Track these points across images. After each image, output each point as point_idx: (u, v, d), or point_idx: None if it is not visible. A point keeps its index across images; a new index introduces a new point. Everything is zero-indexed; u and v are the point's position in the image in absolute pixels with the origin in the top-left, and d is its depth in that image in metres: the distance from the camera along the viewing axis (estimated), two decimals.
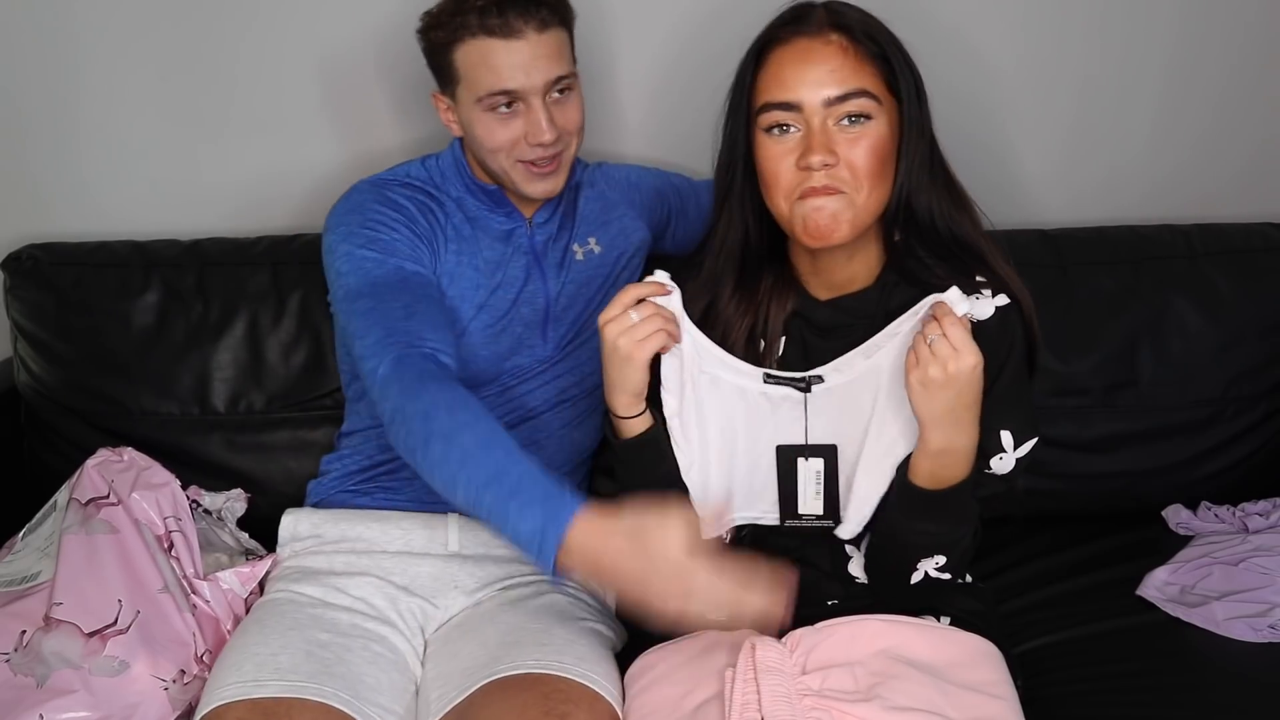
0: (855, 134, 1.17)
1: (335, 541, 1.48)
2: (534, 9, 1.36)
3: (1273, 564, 1.48)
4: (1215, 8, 1.79)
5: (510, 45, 1.36)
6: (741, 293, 1.29)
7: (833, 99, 1.16)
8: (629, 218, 1.59)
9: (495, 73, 1.37)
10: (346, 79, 1.79)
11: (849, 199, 1.18)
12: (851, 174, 1.18)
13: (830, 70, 1.16)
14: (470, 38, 1.37)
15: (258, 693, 1.23)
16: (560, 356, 1.52)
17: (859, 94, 1.16)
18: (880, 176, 1.19)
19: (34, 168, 1.84)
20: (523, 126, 1.40)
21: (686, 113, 1.81)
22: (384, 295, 1.37)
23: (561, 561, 1.13)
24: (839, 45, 1.17)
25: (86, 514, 1.42)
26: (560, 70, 1.40)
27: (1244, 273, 1.71)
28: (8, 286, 1.73)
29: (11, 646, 1.31)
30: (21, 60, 1.78)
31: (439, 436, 1.21)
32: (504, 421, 1.49)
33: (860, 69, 1.17)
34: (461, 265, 1.46)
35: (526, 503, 1.16)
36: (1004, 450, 1.23)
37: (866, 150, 1.17)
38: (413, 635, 1.40)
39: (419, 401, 1.25)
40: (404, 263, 1.40)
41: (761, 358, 1.29)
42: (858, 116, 1.17)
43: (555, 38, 1.39)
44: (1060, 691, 1.38)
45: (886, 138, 1.18)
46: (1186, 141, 1.87)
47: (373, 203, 1.45)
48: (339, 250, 1.42)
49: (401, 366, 1.29)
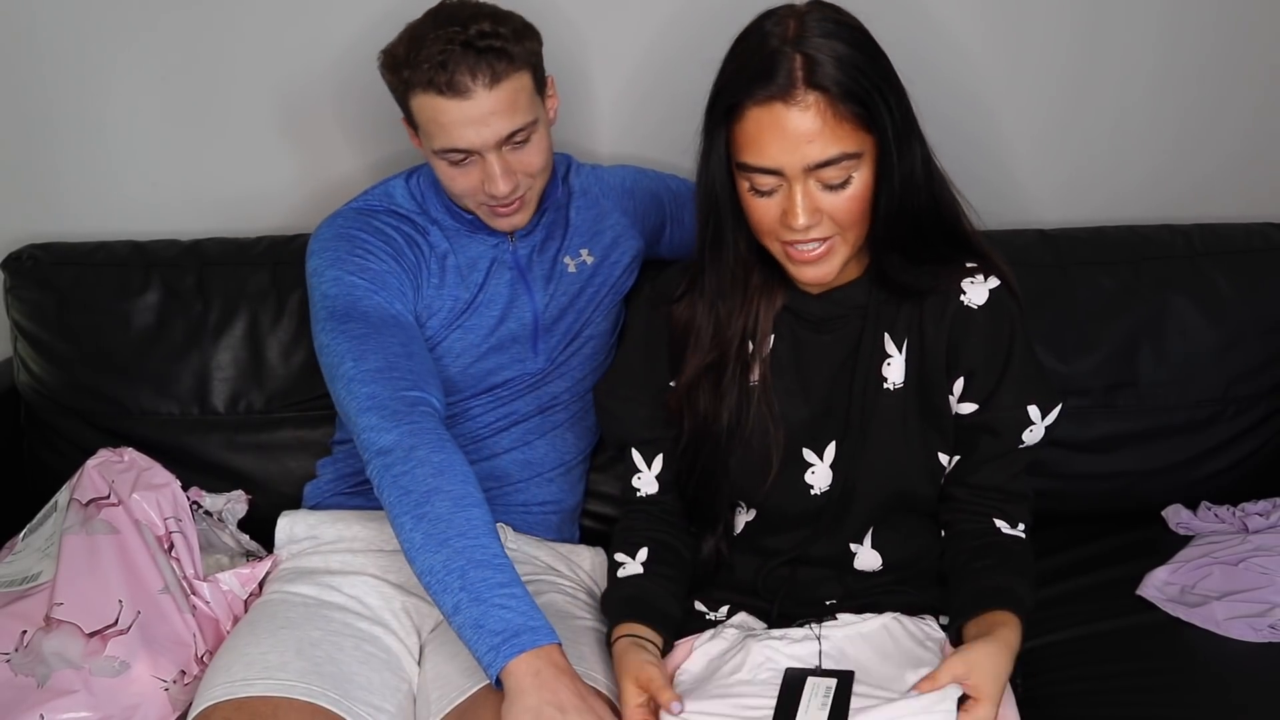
0: (844, 194, 1.16)
1: (332, 542, 1.48)
2: (484, 64, 1.29)
3: (1273, 564, 1.48)
4: (1214, 6, 1.79)
5: (459, 104, 1.30)
6: (732, 296, 1.28)
7: (812, 166, 1.14)
8: (622, 226, 1.58)
9: (445, 131, 1.33)
10: (348, 79, 1.79)
11: (834, 243, 1.20)
12: (836, 223, 1.18)
13: (809, 141, 1.13)
14: (421, 91, 1.32)
15: (245, 692, 1.22)
16: (551, 367, 1.52)
17: (840, 159, 1.14)
18: (865, 215, 1.19)
19: (34, 168, 1.84)
20: (479, 175, 1.37)
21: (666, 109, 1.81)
22: (378, 326, 1.36)
23: (509, 668, 1.13)
24: (816, 109, 1.12)
25: (87, 514, 1.42)
26: (515, 124, 1.33)
27: (1244, 273, 1.71)
28: (8, 286, 1.73)
29: (12, 646, 1.32)
30: (21, 61, 1.78)
31: (446, 497, 1.21)
32: (494, 427, 1.51)
33: (839, 130, 1.13)
34: (443, 294, 1.46)
35: (516, 599, 1.17)
36: (1033, 423, 1.27)
37: (848, 203, 1.17)
38: (407, 635, 1.39)
39: (433, 453, 1.24)
40: (394, 301, 1.39)
41: (751, 358, 1.29)
42: (838, 180, 1.15)
43: (509, 89, 1.32)
44: (1060, 691, 1.38)
45: (870, 182, 1.18)
46: (1186, 141, 1.86)
47: (360, 231, 1.43)
48: (326, 274, 1.40)
49: (411, 408, 1.28)
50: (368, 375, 1.31)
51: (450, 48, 1.30)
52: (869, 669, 1.21)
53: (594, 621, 1.43)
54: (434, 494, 1.21)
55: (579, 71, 1.76)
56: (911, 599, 1.33)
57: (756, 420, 1.30)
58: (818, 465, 1.30)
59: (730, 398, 1.29)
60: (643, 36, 1.78)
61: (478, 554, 1.19)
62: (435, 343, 1.46)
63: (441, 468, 1.23)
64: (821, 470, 1.30)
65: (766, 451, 1.29)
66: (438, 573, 1.18)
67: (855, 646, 1.25)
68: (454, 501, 1.21)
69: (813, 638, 1.23)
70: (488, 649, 1.15)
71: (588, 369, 1.56)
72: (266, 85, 1.80)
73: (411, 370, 1.32)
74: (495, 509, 1.51)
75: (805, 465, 1.31)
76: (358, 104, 1.80)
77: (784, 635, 1.26)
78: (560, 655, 1.16)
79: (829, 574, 1.34)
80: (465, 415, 1.50)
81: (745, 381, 1.30)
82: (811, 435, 1.31)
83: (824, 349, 1.30)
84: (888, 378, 1.28)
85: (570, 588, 1.49)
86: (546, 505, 1.56)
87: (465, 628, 1.16)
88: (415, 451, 1.24)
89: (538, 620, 1.17)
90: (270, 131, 1.82)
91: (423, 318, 1.45)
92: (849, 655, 1.24)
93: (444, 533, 1.19)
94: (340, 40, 1.77)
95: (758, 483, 1.31)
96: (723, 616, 1.36)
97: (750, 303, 1.29)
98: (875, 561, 1.33)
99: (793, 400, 1.30)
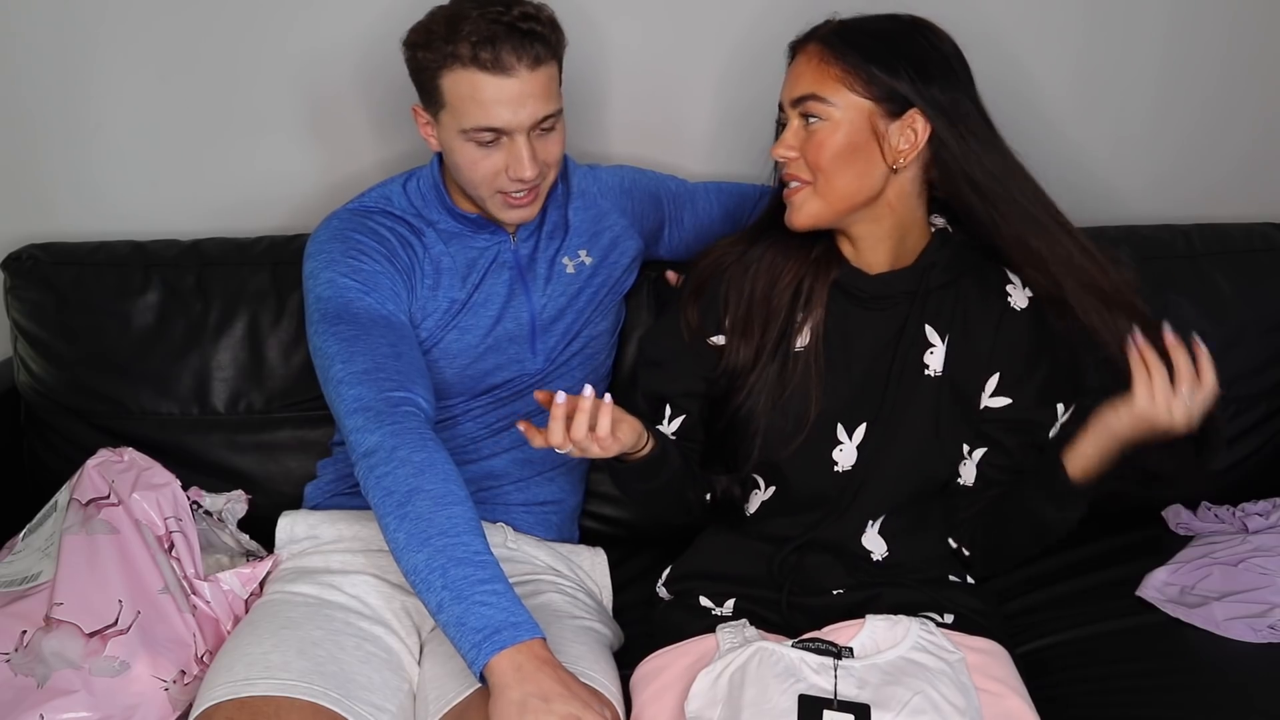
0: (811, 131, 1.27)
1: (332, 541, 1.48)
2: (528, 45, 1.32)
3: (1272, 564, 1.48)
4: (1213, 6, 1.79)
5: (501, 82, 1.32)
6: (791, 259, 1.35)
7: (794, 99, 1.28)
8: (620, 227, 1.58)
9: (483, 108, 1.34)
10: (349, 78, 1.79)
11: (811, 190, 1.29)
12: (812, 166, 1.27)
13: (799, 75, 1.28)
14: (460, 68, 1.33)
15: (247, 692, 1.23)
16: (551, 368, 1.52)
17: (809, 98, 1.26)
18: (840, 168, 1.26)
19: (34, 168, 1.84)
20: (504, 159, 1.37)
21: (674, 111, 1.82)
22: (368, 328, 1.36)
23: (491, 664, 1.14)
24: (811, 55, 1.27)
25: (87, 514, 1.42)
26: (549, 108, 1.36)
27: (1244, 273, 1.71)
28: (8, 286, 1.73)
29: (12, 646, 1.32)
30: (21, 61, 1.78)
31: (427, 496, 1.22)
32: (494, 427, 1.51)
33: (822, 71, 1.26)
34: (437, 295, 1.46)
35: (498, 595, 1.17)
36: (1057, 419, 1.37)
37: (817, 146, 1.27)
38: (408, 635, 1.40)
39: (415, 453, 1.25)
40: (385, 302, 1.40)
41: (800, 325, 1.34)
42: (810, 116, 1.27)
43: (546, 74, 1.35)
44: (1060, 692, 1.38)
45: (845, 133, 1.25)
46: (1186, 141, 1.87)
47: (355, 232, 1.44)
48: (321, 276, 1.41)
49: (395, 408, 1.29)
50: (354, 377, 1.31)
51: (496, 26, 1.32)
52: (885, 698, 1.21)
53: (593, 621, 1.43)
54: (415, 494, 1.22)
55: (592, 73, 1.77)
56: (913, 596, 1.34)
57: (798, 386, 1.33)
58: (846, 444, 1.34)
59: (769, 359, 1.33)
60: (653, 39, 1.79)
61: (458, 551, 1.19)
62: (432, 344, 1.46)
63: (422, 467, 1.24)
64: (848, 449, 1.34)
65: (801, 417, 1.32)
66: (421, 572, 1.19)
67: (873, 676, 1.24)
68: (434, 500, 1.22)
69: (829, 668, 1.24)
70: (470, 646, 1.15)
71: (589, 368, 1.56)
72: (266, 85, 1.80)
73: (399, 371, 1.33)
74: (495, 508, 1.52)
75: (835, 441, 1.33)
76: (358, 104, 1.81)
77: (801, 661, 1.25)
78: (543, 648, 1.16)
79: (835, 561, 1.36)
80: (466, 416, 1.50)
81: (790, 345, 1.34)
82: (848, 413, 1.33)
83: (869, 328, 1.34)
84: (929, 365, 1.33)
85: (570, 588, 1.49)
86: (547, 505, 1.56)
87: (449, 626, 1.17)
88: (397, 452, 1.25)
89: (519, 616, 1.17)
90: (270, 131, 1.82)
91: (417, 319, 1.45)
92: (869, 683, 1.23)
93: (425, 531, 1.20)
94: (340, 40, 1.77)
95: (785, 445, 1.33)
96: (728, 611, 1.37)
97: (807, 269, 1.34)
98: (880, 548, 1.36)
99: (835, 374, 1.34)
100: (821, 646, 1.25)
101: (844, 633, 1.28)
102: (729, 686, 1.23)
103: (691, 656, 1.31)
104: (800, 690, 1.20)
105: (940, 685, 1.21)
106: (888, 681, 1.22)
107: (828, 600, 1.35)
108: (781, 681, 1.21)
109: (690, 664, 1.30)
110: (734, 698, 1.22)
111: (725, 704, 1.22)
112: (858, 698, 1.20)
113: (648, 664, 1.34)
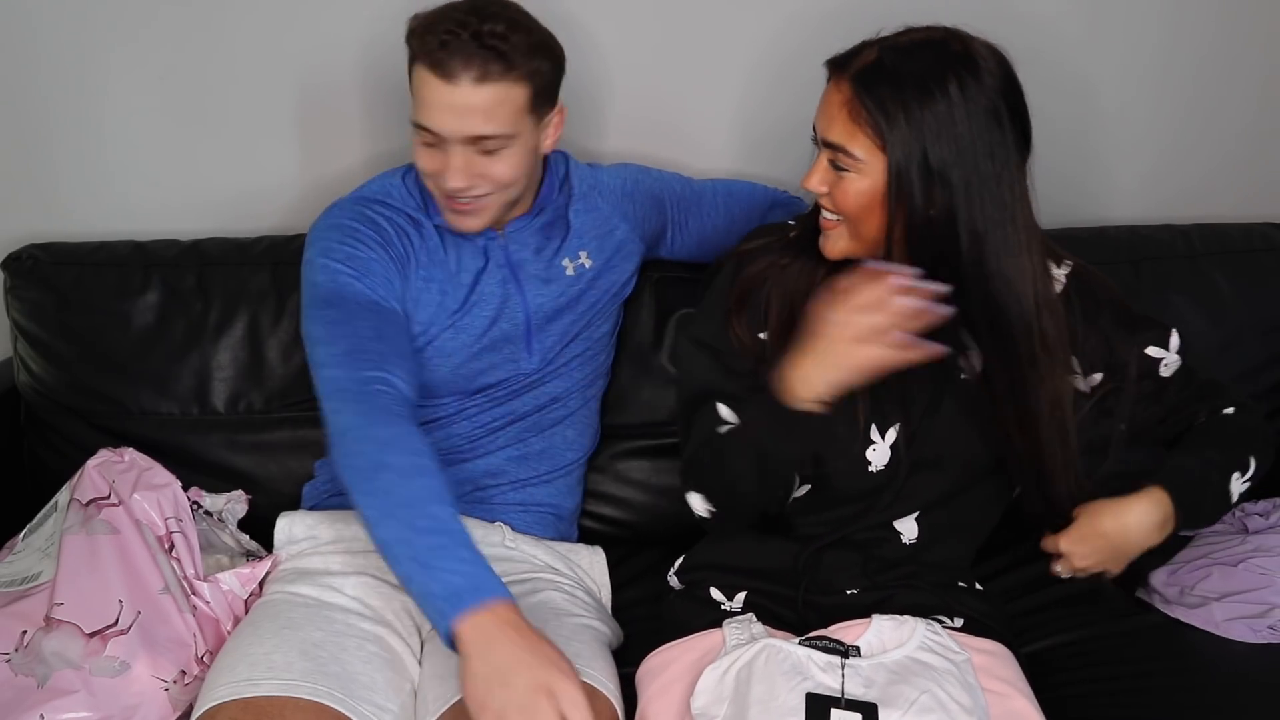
0: (839, 177, 1.25)
1: (331, 542, 1.48)
2: (478, 59, 1.30)
3: (1272, 564, 1.48)
4: (1214, 5, 1.79)
5: (443, 87, 1.31)
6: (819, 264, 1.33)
7: (824, 142, 1.25)
8: (622, 231, 1.57)
9: (425, 107, 1.33)
10: (348, 78, 1.79)
11: (841, 230, 1.28)
12: (838, 210, 1.26)
13: (830, 118, 1.24)
14: (419, 62, 1.33)
15: (251, 692, 1.22)
16: (548, 368, 1.52)
17: (838, 149, 1.23)
18: (868, 216, 1.24)
19: (34, 167, 1.84)
20: (441, 163, 1.36)
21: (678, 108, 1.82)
22: (354, 312, 1.37)
23: (456, 631, 1.13)
24: (843, 95, 1.22)
25: (87, 514, 1.42)
26: (488, 129, 1.33)
27: (1244, 273, 1.72)
28: (8, 286, 1.73)
29: (12, 647, 1.32)
30: (21, 61, 1.78)
31: (392, 470, 1.22)
32: (489, 426, 1.51)
33: (852, 122, 1.21)
34: (431, 288, 1.46)
35: (462, 561, 1.16)
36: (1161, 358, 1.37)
37: (843, 193, 1.24)
38: (409, 635, 1.40)
39: (381, 428, 1.25)
40: (377, 287, 1.40)
41: None
42: (838, 165, 1.24)
43: (495, 92, 1.31)
44: (1060, 694, 1.38)
45: (871, 184, 1.22)
46: (1186, 140, 1.87)
47: (351, 220, 1.44)
48: (316, 263, 1.42)
49: (365, 387, 1.29)
50: (333, 359, 1.32)
51: (458, 32, 1.31)
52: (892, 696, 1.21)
53: (592, 619, 1.43)
54: (381, 468, 1.22)
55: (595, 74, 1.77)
56: (925, 599, 1.34)
57: None
58: (879, 444, 1.33)
59: None
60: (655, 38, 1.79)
61: (422, 522, 1.19)
62: (428, 341, 1.46)
63: (388, 441, 1.24)
64: (881, 449, 1.33)
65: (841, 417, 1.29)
66: (390, 545, 1.19)
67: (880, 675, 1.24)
68: (399, 473, 1.22)
69: (836, 666, 1.24)
70: (437, 615, 1.15)
71: (588, 370, 1.56)
72: (266, 84, 1.80)
73: (378, 353, 1.33)
74: (493, 507, 1.52)
75: (869, 441, 1.33)
76: (358, 102, 1.81)
77: (809, 659, 1.25)
78: (509, 610, 1.14)
79: (854, 561, 1.36)
80: (461, 415, 1.50)
81: None
82: (881, 413, 1.32)
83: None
84: (963, 368, 1.32)
85: (568, 586, 1.49)
86: (544, 506, 1.56)
87: (419, 598, 1.17)
88: (365, 430, 1.25)
89: (483, 579, 1.16)
90: (271, 131, 1.82)
91: (410, 308, 1.45)
92: (876, 682, 1.23)
93: (390, 504, 1.20)
94: (340, 39, 1.77)
95: (836, 447, 1.32)
96: (738, 606, 1.37)
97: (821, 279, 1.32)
98: (911, 531, 1.36)
99: None
100: (829, 645, 1.25)
101: (850, 631, 1.28)
102: (736, 683, 1.23)
103: (697, 652, 1.31)
104: (808, 689, 1.20)
105: (947, 685, 1.21)
106: (894, 681, 1.22)
107: (840, 600, 1.35)
108: (789, 679, 1.21)
109: (696, 659, 1.30)
110: (741, 694, 1.22)
111: (732, 700, 1.22)
112: (865, 696, 1.20)
113: (653, 658, 1.34)
